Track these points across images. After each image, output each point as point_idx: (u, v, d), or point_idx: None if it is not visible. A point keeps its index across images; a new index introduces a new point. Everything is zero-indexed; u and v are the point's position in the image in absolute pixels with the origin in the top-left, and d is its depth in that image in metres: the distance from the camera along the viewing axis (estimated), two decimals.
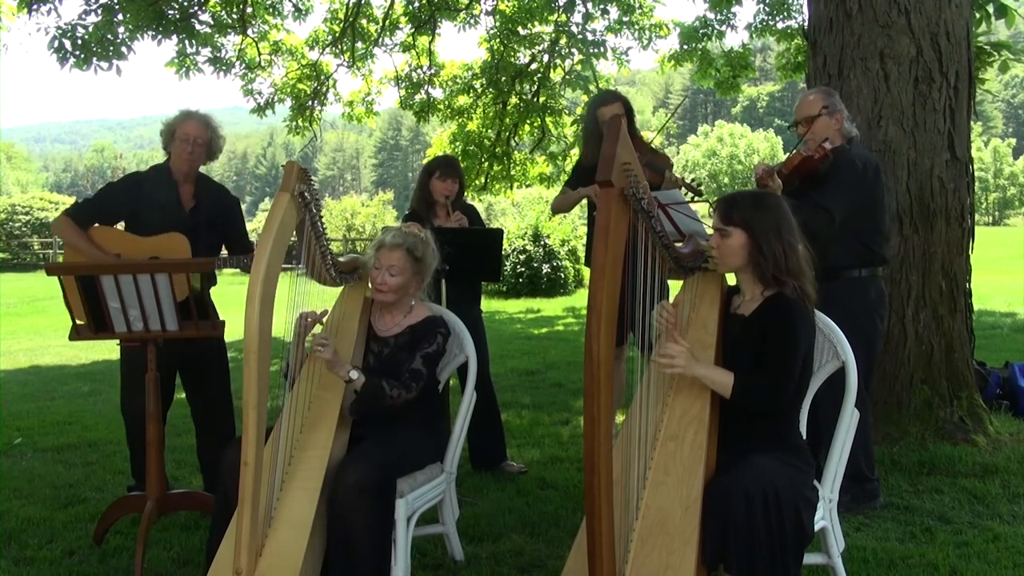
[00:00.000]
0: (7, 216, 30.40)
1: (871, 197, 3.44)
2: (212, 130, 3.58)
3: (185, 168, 3.56)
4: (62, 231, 3.50)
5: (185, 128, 3.52)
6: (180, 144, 3.52)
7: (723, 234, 2.41)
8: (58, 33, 7.61)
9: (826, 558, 2.56)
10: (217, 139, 3.61)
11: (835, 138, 3.43)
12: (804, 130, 3.46)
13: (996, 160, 60.71)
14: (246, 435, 2.23)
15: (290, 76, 10.46)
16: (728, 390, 2.31)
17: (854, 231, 3.39)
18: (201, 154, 3.57)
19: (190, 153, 3.52)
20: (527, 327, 10.76)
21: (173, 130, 3.55)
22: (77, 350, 8.85)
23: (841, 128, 3.47)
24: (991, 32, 6.07)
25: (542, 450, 4.57)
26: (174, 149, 3.55)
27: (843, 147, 3.43)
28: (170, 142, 3.57)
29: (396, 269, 2.79)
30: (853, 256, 3.44)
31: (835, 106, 3.47)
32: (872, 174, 3.44)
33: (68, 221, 3.49)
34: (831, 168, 3.35)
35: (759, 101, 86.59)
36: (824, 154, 3.34)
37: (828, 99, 3.48)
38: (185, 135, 3.51)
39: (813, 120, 3.44)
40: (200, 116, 3.58)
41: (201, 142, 3.53)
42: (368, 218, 31.34)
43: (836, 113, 3.46)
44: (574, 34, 9.85)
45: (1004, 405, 4.79)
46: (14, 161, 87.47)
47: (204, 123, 3.56)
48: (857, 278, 3.46)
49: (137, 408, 3.53)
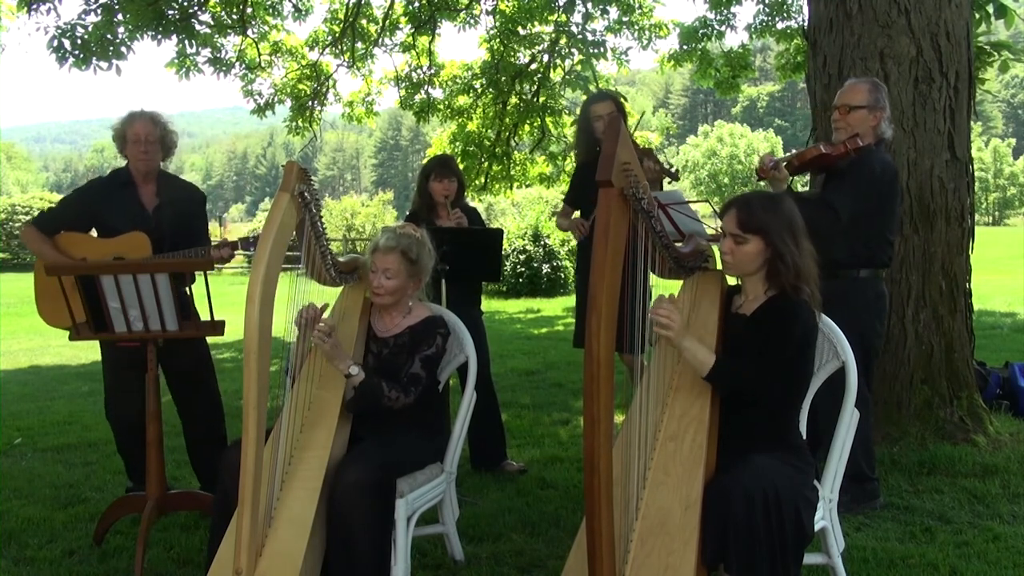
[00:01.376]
0: (7, 216, 30.42)
1: (883, 203, 3.38)
2: (161, 126, 3.58)
3: (143, 168, 3.57)
4: (28, 240, 3.56)
5: (134, 129, 3.53)
6: (132, 145, 3.53)
7: (739, 240, 2.39)
8: (57, 33, 7.61)
9: (826, 558, 2.56)
10: (169, 135, 3.61)
11: (867, 135, 3.35)
12: (841, 116, 3.38)
13: (996, 160, 60.73)
14: (246, 435, 2.23)
15: (290, 76, 10.47)
16: (707, 369, 2.30)
17: (860, 233, 3.36)
18: (155, 151, 3.57)
19: (144, 152, 3.53)
20: (527, 327, 10.76)
21: (124, 133, 3.56)
22: (77, 350, 8.84)
23: (877, 126, 3.38)
24: (991, 32, 6.07)
25: (542, 450, 4.57)
26: (128, 152, 3.57)
27: (869, 148, 3.35)
28: (124, 146, 3.58)
29: (392, 272, 2.79)
30: (855, 256, 3.42)
31: (879, 102, 3.38)
32: (888, 181, 3.37)
33: (33, 230, 3.55)
34: (850, 166, 3.30)
35: (759, 101, 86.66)
36: (846, 151, 3.28)
37: (875, 94, 3.39)
38: (136, 136, 3.52)
39: (852, 109, 3.36)
40: (147, 115, 3.59)
41: (152, 139, 3.54)
42: (368, 218, 31.33)
43: (877, 111, 3.38)
44: (574, 34, 9.85)
45: (1004, 405, 4.79)
46: (14, 161, 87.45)
47: (152, 121, 3.56)
48: (857, 278, 3.44)
49: (126, 410, 3.55)
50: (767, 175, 3.30)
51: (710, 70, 10.44)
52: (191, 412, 3.73)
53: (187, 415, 3.75)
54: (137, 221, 3.52)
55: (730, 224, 2.40)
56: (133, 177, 3.59)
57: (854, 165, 3.31)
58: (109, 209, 3.55)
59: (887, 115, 3.44)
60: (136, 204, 3.57)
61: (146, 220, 3.54)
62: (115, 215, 3.54)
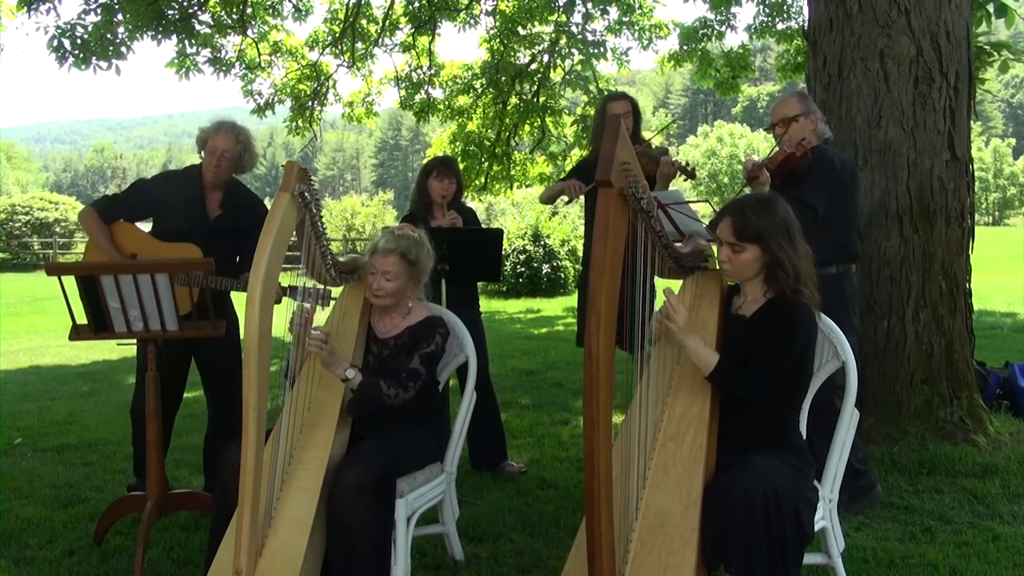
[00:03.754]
0: (7, 216, 30.42)
1: (848, 195, 3.51)
2: (243, 144, 3.54)
3: (211, 179, 3.56)
4: (86, 223, 3.53)
5: (215, 141, 3.50)
6: (208, 156, 3.51)
7: (736, 249, 2.39)
8: (57, 32, 7.62)
9: (826, 558, 2.56)
10: (248, 154, 3.58)
11: (811, 138, 3.49)
12: (781, 131, 3.53)
13: (996, 160, 60.72)
14: (246, 435, 2.23)
15: (290, 76, 10.47)
16: (710, 369, 2.31)
17: (832, 228, 3.42)
18: (228, 167, 3.54)
19: (215, 166, 3.51)
20: (527, 327, 10.76)
21: (205, 140, 3.54)
22: (77, 350, 8.85)
23: (816, 129, 3.53)
24: (991, 32, 6.07)
25: (542, 450, 4.57)
26: (204, 158, 3.55)
27: (820, 146, 3.49)
28: (202, 149, 3.56)
29: (391, 274, 2.78)
30: (830, 252, 3.43)
31: (809, 108, 3.56)
32: (849, 173, 3.52)
33: (93, 214, 3.52)
34: (810, 165, 3.40)
35: (759, 101, 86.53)
36: (804, 152, 3.40)
37: (803, 102, 3.57)
38: (214, 148, 3.50)
39: (790, 121, 3.51)
40: (232, 130, 3.54)
41: (228, 156, 3.51)
42: (368, 218, 31.36)
43: (811, 115, 3.54)
44: (574, 34, 9.85)
45: (1004, 405, 4.79)
46: (14, 161, 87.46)
47: (235, 138, 3.52)
48: (833, 275, 3.46)
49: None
50: (755, 177, 3.35)
51: (710, 70, 10.44)
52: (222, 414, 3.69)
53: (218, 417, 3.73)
54: (195, 225, 3.49)
55: (726, 233, 2.40)
56: (203, 181, 3.57)
57: (815, 163, 3.41)
58: (171, 207, 3.52)
59: (820, 116, 3.60)
60: (199, 208, 3.55)
61: (204, 226, 3.51)
62: (176, 215, 3.51)
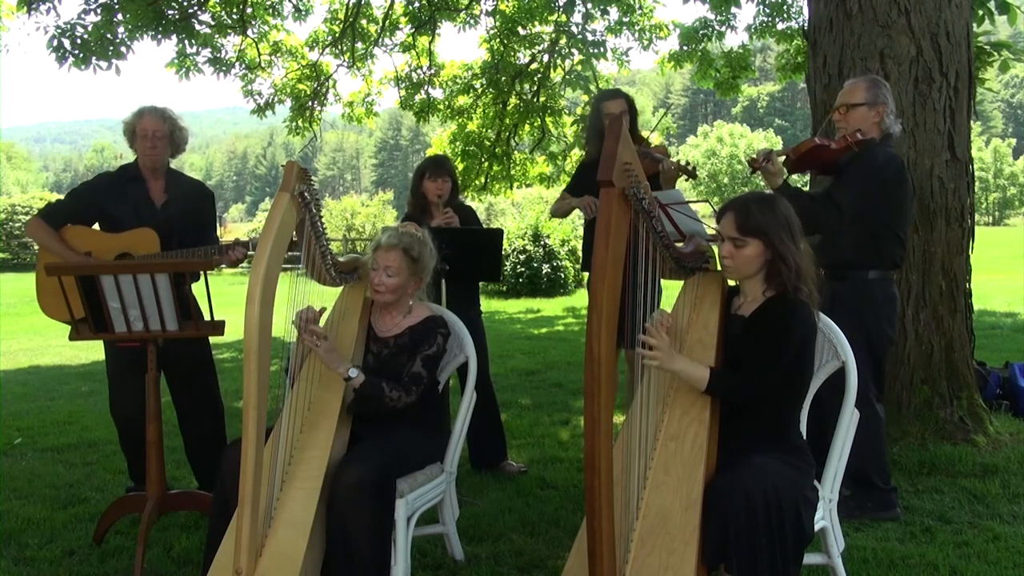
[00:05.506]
0: (7, 216, 30.42)
1: (889, 197, 3.32)
2: (171, 122, 3.58)
3: (151, 164, 3.58)
4: (34, 232, 3.55)
5: (143, 124, 3.54)
6: (141, 140, 3.55)
7: (738, 244, 2.38)
8: (57, 32, 7.61)
9: (826, 558, 2.56)
10: (179, 131, 3.62)
11: (871, 131, 3.33)
12: (841, 115, 3.38)
13: (996, 160, 60.71)
14: (246, 435, 2.23)
15: (290, 76, 10.47)
16: (703, 385, 2.32)
17: (868, 230, 3.31)
18: (163, 147, 3.58)
19: (152, 148, 3.54)
20: (527, 327, 10.76)
21: (133, 128, 3.57)
22: (77, 350, 8.85)
23: (880, 122, 3.36)
24: (992, 32, 6.07)
25: (542, 450, 4.57)
26: (137, 147, 3.58)
27: (871, 141, 3.32)
28: (133, 140, 3.59)
29: (393, 270, 2.79)
30: (863, 256, 3.35)
31: (877, 98, 3.37)
32: (893, 174, 3.31)
33: (40, 223, 3.54)
34: (851, 161, 3.28)
35: (759, 101, 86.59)
36: (847, 145, 3.26)
37: (873, 90, 3.37)
38: (144, 131, 3.53)
39: (851, 108, 3.36)
40: (157, 110, 3.59)
41: (160, 135, 3.55)
42: (368, 218, 31.33)
43: (877, 106, 3.36)
44: (574, 34, 9.85)
45: (1004, 405, 4.79)
46: (14, 161, 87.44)
47: (161, 117, 3.57)
48: (865, 279, 3.37)
49: (126, 410, 3.54)
50: (758, 167, 3.27)
51: (710, 71, 10.43)
52: (189, 412, 3.73)
53: (184, 415, 3.75)
54: (145, 216, 3.52)
55: (728, 228, 2.39)
56: (142, 172, 3.60)
57: (855, 159, 3.28)
58: (116, 204, 3.55)
59: (890, 110, 3.41)
60: (144, 199, 3.57)
61: (154, 216, 3.54)
62: (122, 210, 3.53)
